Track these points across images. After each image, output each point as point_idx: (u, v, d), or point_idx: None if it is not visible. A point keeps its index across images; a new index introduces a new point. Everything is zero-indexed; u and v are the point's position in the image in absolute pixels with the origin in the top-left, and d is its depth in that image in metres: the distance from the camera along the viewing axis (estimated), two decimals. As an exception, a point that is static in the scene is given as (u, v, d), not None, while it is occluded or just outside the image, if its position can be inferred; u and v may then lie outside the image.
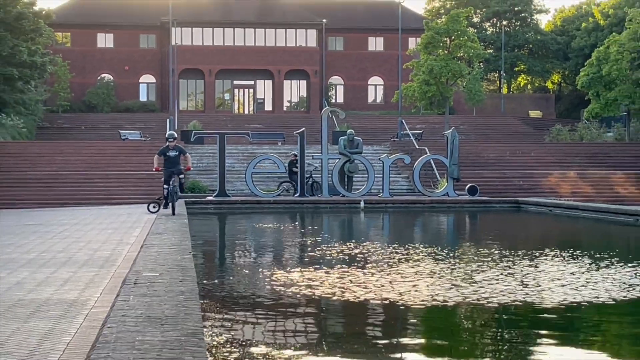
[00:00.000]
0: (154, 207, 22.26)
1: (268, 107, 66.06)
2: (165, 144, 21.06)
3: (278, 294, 10.20)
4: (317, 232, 21.08)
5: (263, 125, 53.23)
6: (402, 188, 35.59)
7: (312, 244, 16.56)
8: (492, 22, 76.49)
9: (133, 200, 30.07)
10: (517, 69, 75.25)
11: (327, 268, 12.38)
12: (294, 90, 67.53)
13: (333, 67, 68.01)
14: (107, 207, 27.53)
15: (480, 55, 51.31)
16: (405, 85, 48.79)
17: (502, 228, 23.62)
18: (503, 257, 13.84)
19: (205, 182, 34.28)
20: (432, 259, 13.54)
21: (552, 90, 78.74)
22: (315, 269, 12.26)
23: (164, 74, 63.71)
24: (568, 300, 9.62)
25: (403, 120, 48.72)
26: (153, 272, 9.34)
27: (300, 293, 10.19)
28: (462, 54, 49.69)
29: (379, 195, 30.47)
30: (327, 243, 16.50)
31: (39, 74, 45.96)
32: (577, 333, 8.48)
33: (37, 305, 7.78)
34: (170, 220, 18.01)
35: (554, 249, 15.28)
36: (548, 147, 44.17)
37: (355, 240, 16.85)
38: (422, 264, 12.83)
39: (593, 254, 14.23)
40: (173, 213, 20.13)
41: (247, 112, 66.27)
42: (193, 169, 33.70)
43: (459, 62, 48.79)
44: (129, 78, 65.73)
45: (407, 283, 10.84)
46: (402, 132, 46.58)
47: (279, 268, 12.69)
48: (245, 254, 15.89)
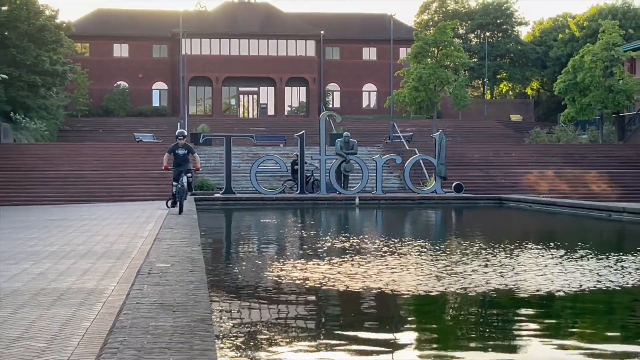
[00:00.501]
0: (172, 203, 21.96)
1: (271, 111, 66.03)
2: (175, 142, 19.35)
3: (281, 283, 10.22)
4: (316, 226, 21.10)
5: (266, 128, 53.14)
6: (393, 186, 35.57)
7: (311, 237, 16.56)
8: (476, 33, 76.51)
9: (146, 197, 30.08)
10: (499, 77, 75.25)
11: (326, 259, 12.40)
12: (295, 96, 67.49)
13: (330, 74, 67.98)
14: (122, 203, 27.46)
15: (466, 64, 51.24)
16: (397, 92, 48.73)
17: (485, 222, 23.65)
18: (484, 249, 13.87)
19: (213, 180, 34.31)
20: (429, 249, 13.58)
21: (531, 96, 78.65)
22: (314, 260, 12.28)
23: (175, 81, 63.69)
24: (543, 290, 9.65)
25: (394, 124, 48.79)
26: (165, 263, 9.36)
27: (301, 281, 10.21)
28: (448, 63, 49.62)
29: (373, 193, 30.50)
30: (324, 236, 16.52)
31: (60, 82, 45.89)
32: (551, 319, 8.52)
33: (58, 294, 7.80)
34: (181, 216, 17.97)
35: (533, 242, 15.30)
36: (528, 148, 44.14)
37: (351, 233, 16.87)
38: (412, 255, 12.86)
39: (568, 247, 14.25)
40: (180, 212, 18.44)
41: (251, 116, 66.20)
42: (202, 169, 33.79)
43: (446, 70, 48.70)
44: (143, 85, 65.67)
45: (394, 273, 10.88)
46: (393, 134, 46.59)
47: (282, 259, 12.69)
48: (250, 246, 15.90)
